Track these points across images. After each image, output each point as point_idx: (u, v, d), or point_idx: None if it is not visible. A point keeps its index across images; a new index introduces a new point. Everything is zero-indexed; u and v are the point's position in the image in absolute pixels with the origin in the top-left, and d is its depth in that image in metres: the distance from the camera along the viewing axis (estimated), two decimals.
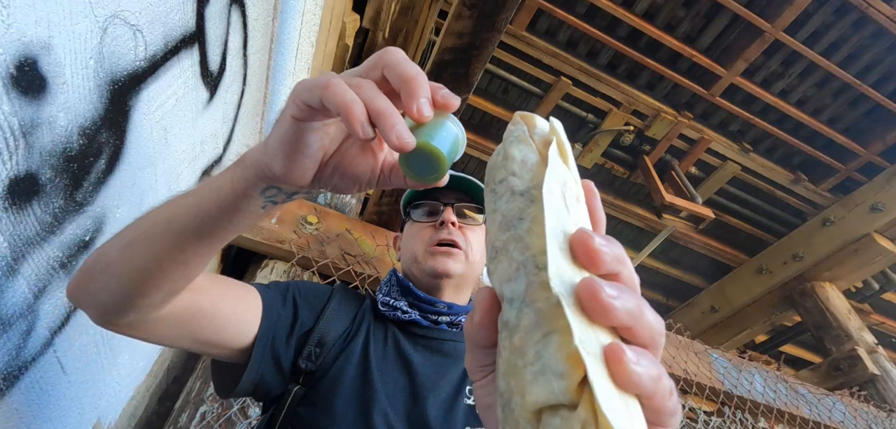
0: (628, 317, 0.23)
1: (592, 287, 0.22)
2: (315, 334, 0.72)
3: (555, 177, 0.28)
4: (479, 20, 1.27)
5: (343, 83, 0.34)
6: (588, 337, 0.21)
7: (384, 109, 0.33)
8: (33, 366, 0.63)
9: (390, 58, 0.36)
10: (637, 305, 0.23)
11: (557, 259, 0.24)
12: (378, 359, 0.73)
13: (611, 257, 0.25)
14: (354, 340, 0.74)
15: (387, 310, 0.80)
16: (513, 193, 0.29)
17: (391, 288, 0.85)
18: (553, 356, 0.21)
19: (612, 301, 0.22)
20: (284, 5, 1.29)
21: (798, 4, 2.88)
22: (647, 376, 0.22)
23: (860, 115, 3.62)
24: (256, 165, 0.41)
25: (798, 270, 3.90)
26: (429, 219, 0.86)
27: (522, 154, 0.30)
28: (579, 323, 0.22)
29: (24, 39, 0.43)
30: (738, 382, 2.03)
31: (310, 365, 0.70)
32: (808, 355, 5.32)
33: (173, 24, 0.70)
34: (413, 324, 0.79)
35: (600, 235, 0.26)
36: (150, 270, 0.47)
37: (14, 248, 0.51)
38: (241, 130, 1.24)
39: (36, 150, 0.49)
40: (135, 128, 0.68)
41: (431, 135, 0.36)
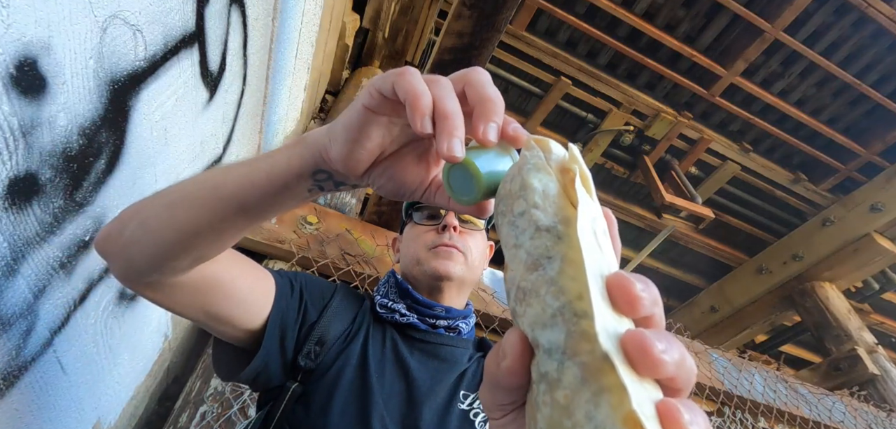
0: (676, 369, 0.22)
1: (644, 342, 0.21)
2: (316, 330, 0.72)
3: (586, 214, 0.26)
4: (479, 20, 1.27)
5: (419, 75, 0.34)
6: (641, 395, 0.20)
7: (450, 112, 0.33)
8: (33, 366, 0.63)
9: (475, 76, 0.35)
10: (681, 354, 0.23)
11: (601, 308, 0.22)
12: (376, 362, 0.73)
13: (649, 302, 0.24)
14: (354, 341, 0.74)
15: (385, 312, 0.79)
16: (538, 229, 0.27)
17: (390, 290, 0.84)
18: (607, 419, 0.20)
19: (663, 356, 0.21)
20: (284, 5, 1.29)
21: (798, 4, 2.88)
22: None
23: (860, 115, 3.62)
24: (316, 145, 0.41)
25: (798, 270, 3.90)
26: (430, 222, 0.86)
27: (543, 184, 0.28)
28: (632, 381, 0.20)
29: (24, 39, 0.43)
30: (738, 382, 2.03)
31: (309, 363, 0.70)
32: (808, 355, 5.32)
33: (173, 24, 0.70)
34: (411, 327, 0.79)
35: (637, 278, 0.25)
36: (187, 233, 0.47)
37: (14, 248, 0.51)
38: (241, 130, 1.24)
39: (36, 150, 0.49)
40: (135, 128, 0.68)
41: (482, 158, 0.34)
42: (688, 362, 0.23)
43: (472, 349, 0.83)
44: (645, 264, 4.74)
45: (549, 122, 3.81)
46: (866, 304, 4.59)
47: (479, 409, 0.74)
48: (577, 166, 0.28)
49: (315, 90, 2.35)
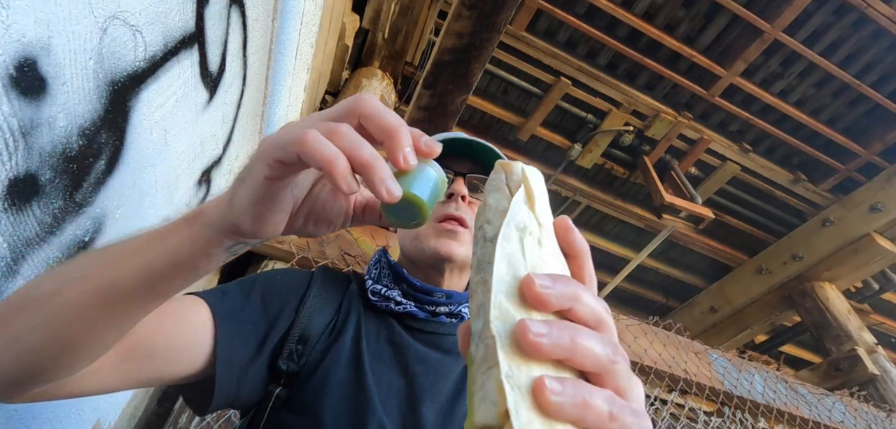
0: (560, 350, 0.26)
1: (520, 329, 0.25)
2: (295, 328, 0.64)
3: (514, 223, 0.31)
4: (479, 20, 1.27)
5: (320, 135, 0.32)
6: (518, 372, 0.25)
7: (371, 161, 0.33)
8: None
9: (367, 108, 0.35)
10: (570, 338, 0.26)
11: (501, 303, 0.28)
12: (371, 357, 0.65)
13: (557, 296, 0.28)
14: (342, 334, 0.66)
15: (378, 300, 0.71)
16: (485, 240, 0.32)
17: (382, 273, 0.75)
18: (491, 387, 0.25)
19: (539, 340, 0.25)
20: (284, 5, 1.29)
21: (797, 4, 2.88)
22: (570, 404, 0.24)
23: (860, 115, 3.62)
24: (221, 224, 0.39)
25: (798, 270, 3.90)
26: None
27: (496, 202, 0.33)
28: (510, 359, 0.26)
29: (24, 40, 0.43)
30: (738, 382, 2.03)
31: (292, 366, 0.62)
32: (808, 355, 5.33)
33: (173, 24, 0.70)
34: (409, 316, 0.70)
35: (546, 277, 0.28)
36: (80, 340, 0.41)
37: (14, 248, 0.51)
38: (241, 131, 1.25)
39: (36, 150, 0.49)
40: (134, 129, 0.68)
41: (413, 183, 0.36)
42: (586, 343, 0.26)
43: None
44: (645, 264, 4.74)
45: (549, 122, 3.81)
46: (866, 304, 4.59)
47: None
48: (525, 183, 0.34)
49: (315, 91, 2.35)
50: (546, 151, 4.06)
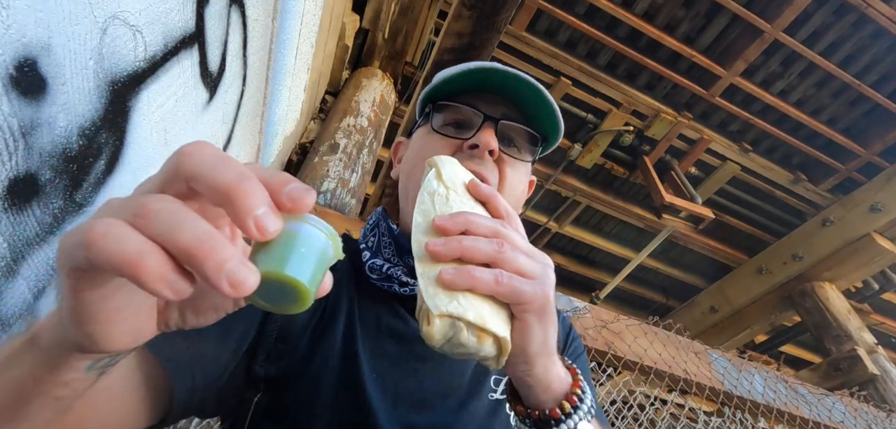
0: (453, 252, 0.39)
1: (429, 244, 0.40)
2: (271, 324, 0.53)
3: (425, 191, 0.46)
4: (479, 20, 1.27)
5: (121, 225, 0.23)
6: (430, 270, 0.40)
7: (194, 245, 0.22)
8: None
9: (191, 165, 0.25)
10: (458, 243, 0.39)
11: (419, 238, 0.42)
12: (370, 354, 0.54)
13: (452, 224, 0.41)
14: (332, 324, 0.54)
15: (378, 279, 0.58)
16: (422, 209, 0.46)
17: (380, 242, 0.61)
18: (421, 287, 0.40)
19: (436, 247, 0.39)
20: (284, 5, 1.29)
21: (798, 4, 2.88)
22: (460, 280, 0.38)
23: (860, 115, 3.62)
24: (59, 347, 0.28)
25: (798, 270, 3.90)
26: (456, 134, 0.59)
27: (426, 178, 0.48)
28: (425, 265, 0.40)
29: (24, 40, 0.43)
30: (738, 382, 2.03)
31: (271, 370, 0.52)
32: (808, 355, 5.32)
33: (173, 24, 0.70)
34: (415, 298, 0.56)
35: (445, 215, 0.42)
36: None
37: (14, 248, 0.51)
38: (241, 131, 1.25)
39: (36, 150, 0.49)
40: (134, 129, 0.68)
41: (282, 256, 0.27)
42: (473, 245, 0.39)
43: None
44: (645, 264, 4.74)
45: None
46: (866, 304, 4.59)
47: None
48: (434, 166, 0.48)
49: (315, 90, 2.35)
50: None
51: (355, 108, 2.48)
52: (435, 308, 0.37)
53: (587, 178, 4.16)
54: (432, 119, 0.61)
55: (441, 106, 0.60)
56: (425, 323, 0.38)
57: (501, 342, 0.39)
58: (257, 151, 1.51)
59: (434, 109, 0.61)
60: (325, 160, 1.96)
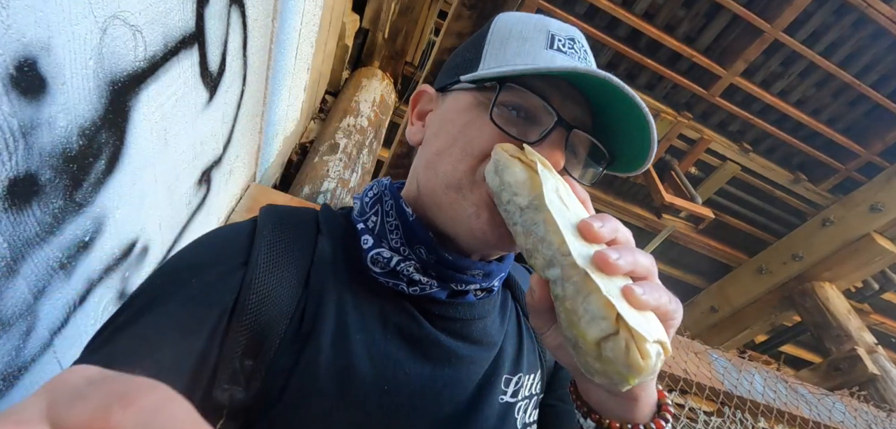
0: (628, 265, 0.35)
1: (602, 255, 0.35)
2: (238, 334, 0.40)
3: (549, 186, 0.39)
4: (479, 20, 1.27)
5: None
6: (610, 287, 0.34)
7: None
8: (33, 366, 0.63)
9: None
10: (632, 256, 0.36)
11: (575, 244, 0.36)
12: (374, 363, 0.43)
13: (607, 230, 0.37)
14: (316, 331, 0.42)
15: (383, 275, 0.47)
16: (521, 209, 0.40)
17: (385, 224, 0.49)
18: (594, 305, 0.34)
19: (616, 260, 0.35)
20: (284, 5, 1.29)
21: (798, 4, 2.88)
22: (651, 297, 0.34)
23: (860, 115, 3.62)
24: None
25: (798, 270, 3.90)
26: (517, 130, 0.45)
27: (513, 176, 0.41)
28: (602, 280, 0.34)
29: (24, 40, 0.43)
30: (738, 382, 2.03)
31: (239, 394, 0.39)
32: (808, 355, 5.32)
33: (173, 24, 0.70)
34: (427, 298, 0.48)
35: (596, 217, 0.37)
36: None
37: (14, 248, 0.51)
38: (241, 131, 1.25)
39: (36, 150, 0.49)
40: (134, 128, 0.68)
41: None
42: (641, 259, 0.36)
43: (499, 298, 0.56)
44: None
45: None
46: (866, 304, 4.59)
47: (524, 394, 0.53)
48: (535, 155, 0.42)
49: (315, 90, 2.35)
50: None
51: (355, 108, 2.48)
52: (647, 333, 0.32)
53: None
54: (497, 108, 0.46)
55: (511, 87, 0.45)
56: (634, 355, 0.32)
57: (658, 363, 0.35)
58: (257, 151, 1.51)
59: (505, 88, 0.46)
60: (325, 160, 1.96)
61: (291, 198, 1.59)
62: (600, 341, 0.33)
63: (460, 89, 0.50)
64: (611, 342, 0.33)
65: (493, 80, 0.47)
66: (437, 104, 0.53)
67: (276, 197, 1.55)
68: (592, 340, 0.33)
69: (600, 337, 0.33)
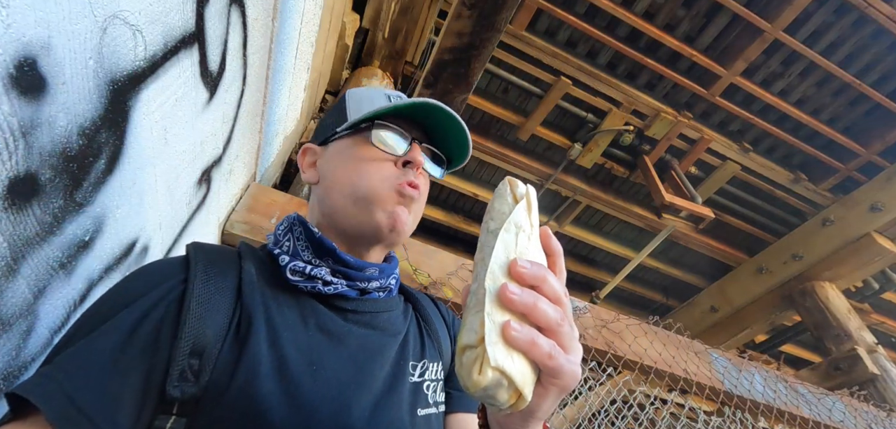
0: (524, 306, 0.40)
1: (503, 288, 0.40)
2: (183, 339, 0.47)
3: (513, 220, 0.45)
4: (479, 20, 1.27)
5: None
6: (497, 315, 0.40)
7: None
8: (33, 366, 0.63)
9: None
10: (534, 301, 0.40)
11: (496, 273, 0.42)
12: (302, 352, 0.53)
13: (530, 275, 0.42)
14: (251, 334, 0.51)
15: (301, 280, 0.59)
16: (487, 231, 0.46)
17: (298, 245, 0.63)
18: (475, 322, 0.40)
19: (512, 296, 0.40)
20: (284, 5, 1.29)
21: (798, 4, 2.88)
22: (521, 339, 0.39)
23: (860, 114, 3.62)
24: None
25: (798, 269, 3.90)
26: (391, 150, 0.65)
27: (500, 206, 0.47)
28: (492, 306, 0.40)
29: (24, 39, 0.43)
30: (738, 382, 2.03)
31: (189, 389, 0.47)
32: (808, 354, 5.32)
33: (173, 24, 0.70)
34: (339, 297, 0.61)
35: (526, 262, 0.42)
36: None
37: (14, 248, 0.51)
38: (241, 130, 1.25)
39: (36, 150, 0.49)
40: (134, 128, 0.68)
41: None
42: (543, 307, 0.41)
43: (401, 304, 0.71)
44: (645, 264, 4.74)
45: (549, 121, 3.81)
46: (866, 304, 4.59)
47: (430, 378, 0.65)
48: (526, 196, 0.47)
49: (315, 90, 2.35)
50: (546, 150, 4.06)
51: None
52: (493, 359, 0.38)
53: (587, 177, 4.16)
54: (375, 136, 0.65)
55: (383, 124, 0.66)
56: (476, 370, 0.38)
57: (520, 403, 0.41)
58: (257, 151, 1.51)
59: (377, 127, 0.66)
60: None
61: (291, 198, 1.60)
62: (465, 348, 0.40)
63: (339, 138, 0.69)
64: (469, 352, 0.39)
65: (365, 121, 0.66)
66: (321, 154, 0.71)
67: (276, 197, 1.55)
68: (460, 345, 0.40)
69: (465, 345, 0.40)
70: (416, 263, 1.56)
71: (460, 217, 4.51)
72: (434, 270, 1.58)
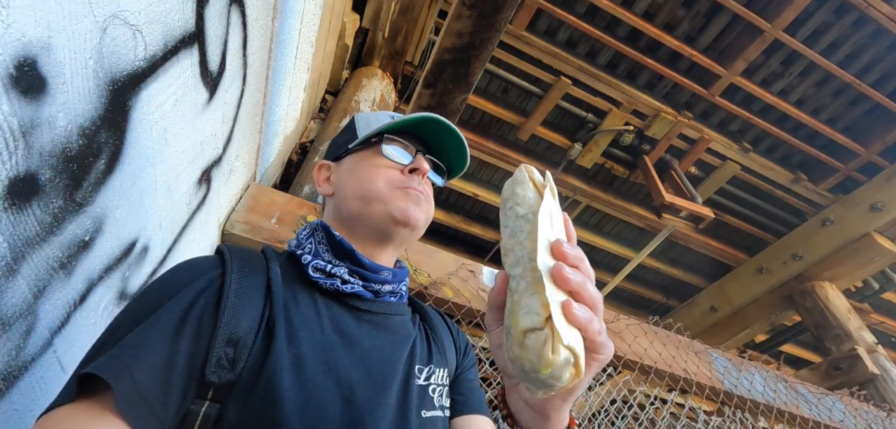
0: (578, 285, 0.44)
1: (558, 267, 0.44)
2: (221, 330, 0.51)
3: (547, 208, 0.48)
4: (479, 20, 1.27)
5: None
6: (555, 294, 0.42)
7: None
8: (33, 366, 0.63)
9: None
10: (583, 281, 0.45)
11: (543, 254, 0.44)
12: (318, 350, 0.56)
13: (573, 256, 0.47)
14: (276, 329, 0.55)
15: (321, 278, 0.63)
16: (517, 216, 0.49)
17: (319, 246, 0.67)
18: (534, 303, 0.42)
19: (568, 275, 0.44)
20: (284, 5, 1.29)
21: (798, 4, 2.88)
22: (582, 317, 0.43)
23: (860, 114, 3.62)
24: None
25: (798, 269, 3.89)
26: (395, 162, 0.72)
27: (524, 192, 0.50)
28: (550, 287, 0.42)
29: (24, 39, 0.43)
30: (738, 381, 2.03)
31: (225, 375, 0.50)
32: (808, 354, 5.32)
33: (173, 24, 0.70)
34: (355, 296, 0.64)
35: (569, 244, 0.47)
36: None
37: (14, 248, 0.51)
38: (241, 130, 1.24)
39: (36, 150, 0.49)
40: (134, 128, 0.68)
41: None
42: (590, 288, 0.46)
43: (410, 312, 0.75)
44: (645, 264, 4.74)
45: (549, 121, 3.81)
46: (866, 304, 4.59)
47: (436, 382, 0.67)
48: (549, 183, 0.51)
49: (315, 90, 2.35)
50: (546, 150, 4.06)
51: (355, 107, 2.48)
52: (566, 337, 0.39)
53: (587, 177, 4.16)
54: (384, 148, 0.73)
55: (388, 139, 0.74)
56: (548, 350, 0.39)
57: (575, 380, 0.42)
58: (257, 151, 1.51)
59: (384, 141, 0.74)
60: None
61: (291, 198, 1.60)
62: (527, 331, 0.41)
63: (351, 153, 0.76)
64: (534, 334, 0.40)
65: (376, 136, 0.74)
66: (335, 169, 0.78)
67: (275, 197, 1.55)
68: (522, 328, 0.41)
69: (528, 328, 0.41)
70: (416, 263, 1.56)
71: (460, 217, 4.51)
72: (434, 270, 1.58)
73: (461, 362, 0.78)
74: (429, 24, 3.02)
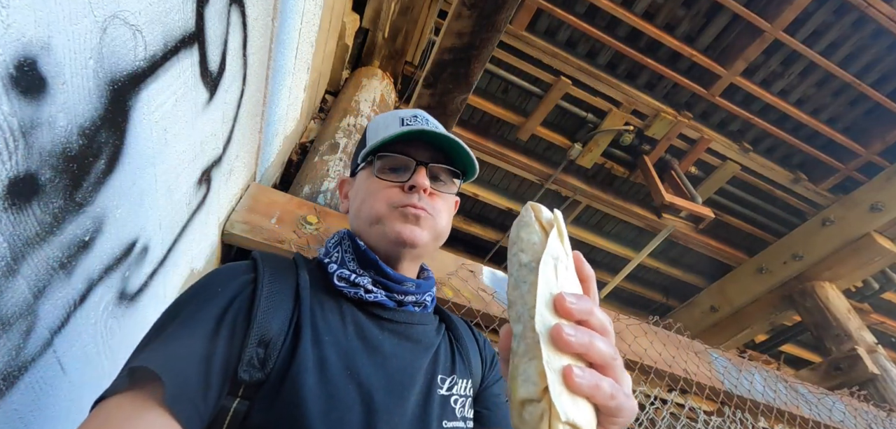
0: (581, 347, 0.38)
1: (557, 329, 0.38)
2: (254, 330, 0.54)
3: (550, 253, 0.42)
4: (479, 20, 1.27)
5: None
6: (555, 360, 0.37)
7: None
8: (33, 366, 0.63)
9: None
10: (589, 340, 0.39)
11: (543, 312, 0.39)
12: (341, 356, 0.58)
13: (578, 310, 0.40)
14: (303, 333, 0.57)
15: (346, 287, 0.65)
16: (520, 265, 0.43)
17: (345, 255, 0.70)
18: (531, 370, 0.37)
19: (569, 338, 0.38)
20: (284, 5, 1.29)
21: (798, 4, 2.88)
22: (586, 384, 0.37)
23: (860, 114, 3.62)
24: None
25: (798, 269, 3.90)
26: (394, 177, 0.72)
27: (529, 235, 0.44)
28: (549, 351, 0.37)
29: (24, 39, 0.43)
30: (738, 381, 2.03)
31: (255, 374, 0.53)
32: (808, 354, 5.33)
33: (173, 24, 0.70)
34: (378, 305, 0.66)
35: (573, 295, 0.40)
36: None
37: (14, 248, 0.51)
38: (241, 130, 1.25)
39: (36, 150, 0.49)
40: (134, 128, 0.68)
41: None
42: (599, 345, 0.39)
43: (436, 321, 0.75)
44: (645, 264, 4.74)
45: (549, 121, 3.81)
46: (866, 304, 4.59)
47: (458, 393, 0.67)
48: (556, 223, 0.45)
49: (315, 90, 2.35)
50: (546, 150, 4.06)
51: (355, 107, 2.48)
52: (563, 412, 0.35)
53: (587, 177, 4.16)
54: (375, 167, 0.73)
55: (382, 155, 0.72)
56: (545, 426, 0.35)
57: None
58: (257, 151, 1.51)
59: (377, 157, 0.73)
60: (326, 160, 1.96)
61: (291, 198, 1.60)
62: (524, 402, 0.37)
63: (360, 169, 0.77)
64: (531, 406, 0.36)
65: (370, 155, 0.73)
66: (351, 185, 0.81)
67: (276, 197, 1.55)
68: (519, 399, 0.37)
69: (526, 398, 0.37)
70: None
71: (460, 217, 4.51)
72: (434, 270, 1.57)
73: (487, 375, 0.76)
74: (429, 24, 3.02)
